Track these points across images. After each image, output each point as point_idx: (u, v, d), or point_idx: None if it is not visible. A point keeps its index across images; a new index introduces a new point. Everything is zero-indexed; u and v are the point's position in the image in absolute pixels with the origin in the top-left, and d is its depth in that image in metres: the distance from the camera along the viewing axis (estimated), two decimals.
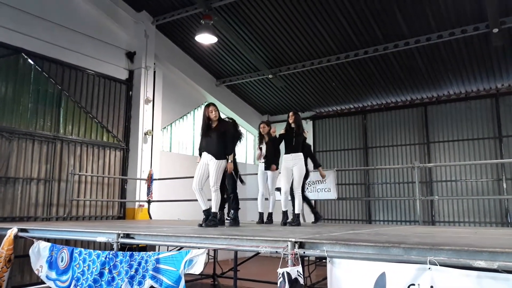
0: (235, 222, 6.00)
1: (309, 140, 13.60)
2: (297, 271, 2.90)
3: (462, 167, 11.34)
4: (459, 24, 8.85)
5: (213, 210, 5.58)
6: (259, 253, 3.48)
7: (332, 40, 10.08)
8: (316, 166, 7.21)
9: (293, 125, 6.35)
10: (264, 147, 6.89)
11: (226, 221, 6.22)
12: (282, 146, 6.54)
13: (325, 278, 3.00)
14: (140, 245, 7.29)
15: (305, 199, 6.96)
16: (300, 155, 6.26)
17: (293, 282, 2.83)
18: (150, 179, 9.53)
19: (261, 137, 6.98)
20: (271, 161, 6.76)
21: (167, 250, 4.89)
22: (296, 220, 6.05)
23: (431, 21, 8.88)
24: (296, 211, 6.12)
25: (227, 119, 6.57)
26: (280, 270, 2.86)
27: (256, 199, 7.07)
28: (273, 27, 9.91)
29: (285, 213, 6.38)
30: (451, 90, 11.48)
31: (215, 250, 7.48)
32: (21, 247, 6.30)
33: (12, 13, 7.77)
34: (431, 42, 9.33)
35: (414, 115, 12.32)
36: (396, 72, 10.94)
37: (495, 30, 8.35)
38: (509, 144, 10.87)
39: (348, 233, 4.20)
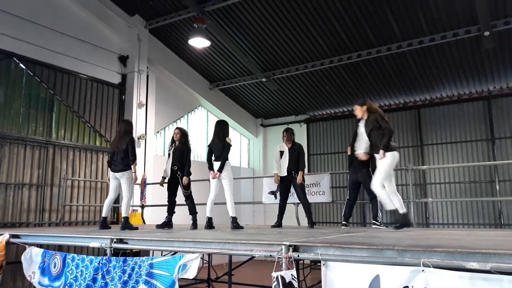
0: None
1: (303, 143, 13.71)
2: (291, 274, 2.89)
3: (456, 169, 11.41)
4: (451, 27, 8.91)
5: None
6: (254, 257, 3.46)
7: (325, 43, 10.11)
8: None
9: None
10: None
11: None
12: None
13: (320, 282, 3.00)
14: (133, 250, 7.23)
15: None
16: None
17: (288, 286, 2.82)
18: (143, 184, 9.47)
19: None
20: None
21: (161, 255, 4.86)
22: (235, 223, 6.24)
23: (423, 24, 8.94)
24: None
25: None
26: (274, 274, 2.85)
27: (247, 203, 7.04)
28: (266, 31, 9.92)
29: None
30: (444, 92, 11.56)
31: (209, 255, 7.44)
32: (13, 253, 6.24)
33: (3, 17, 7.70)
34: (424, 45, 9.39)
35: (408, 117, 12.38)
36: (389, 75, 11.00)
37: (487, 33, 8.43)
38: (502, 146, 10.95)
39: (342, 236, 4.20)
